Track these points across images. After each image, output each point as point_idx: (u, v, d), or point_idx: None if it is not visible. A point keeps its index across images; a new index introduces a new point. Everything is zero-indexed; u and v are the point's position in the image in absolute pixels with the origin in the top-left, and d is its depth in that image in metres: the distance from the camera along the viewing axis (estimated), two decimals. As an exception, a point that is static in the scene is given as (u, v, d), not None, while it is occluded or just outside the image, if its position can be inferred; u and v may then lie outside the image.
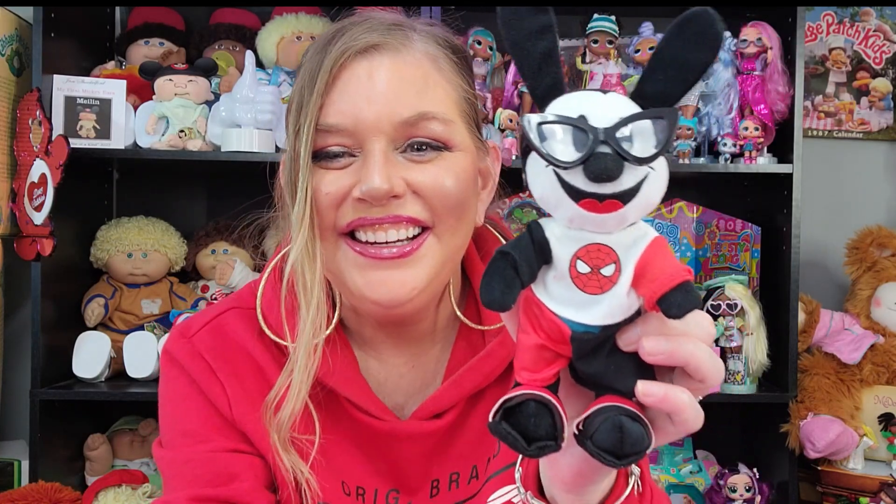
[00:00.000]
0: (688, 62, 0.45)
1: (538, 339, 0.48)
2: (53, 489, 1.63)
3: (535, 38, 0.47)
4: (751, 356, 1.81)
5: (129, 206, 2.05)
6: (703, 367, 0.48)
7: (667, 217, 2.05)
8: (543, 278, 0.48)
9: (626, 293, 0.46)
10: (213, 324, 0.83)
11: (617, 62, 1.87)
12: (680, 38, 0.45)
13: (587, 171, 0.44)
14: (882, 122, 2.22)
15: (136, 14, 2.05)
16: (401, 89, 0.72)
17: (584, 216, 0.45)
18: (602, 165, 0.43)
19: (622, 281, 0.46)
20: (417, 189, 0.73)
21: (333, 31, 0.75)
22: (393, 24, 0.76)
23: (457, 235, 0.76)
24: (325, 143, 0.73)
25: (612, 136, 0.44)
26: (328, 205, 0.73)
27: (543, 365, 0.48)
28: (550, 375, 0.48)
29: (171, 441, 0.81)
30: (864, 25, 2.22)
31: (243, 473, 0.77)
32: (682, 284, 0.45)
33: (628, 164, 0.44)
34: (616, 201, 0.44)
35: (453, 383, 0.81)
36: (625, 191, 0.44)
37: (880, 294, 1.98)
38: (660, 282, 0.45)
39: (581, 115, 0.45)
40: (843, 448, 1.82)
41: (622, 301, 0.46)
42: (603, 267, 0.46)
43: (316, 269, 0.73)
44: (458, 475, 0.82)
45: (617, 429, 0.46)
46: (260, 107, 1.72)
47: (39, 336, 1.73)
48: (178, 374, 0.81)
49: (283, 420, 0.74)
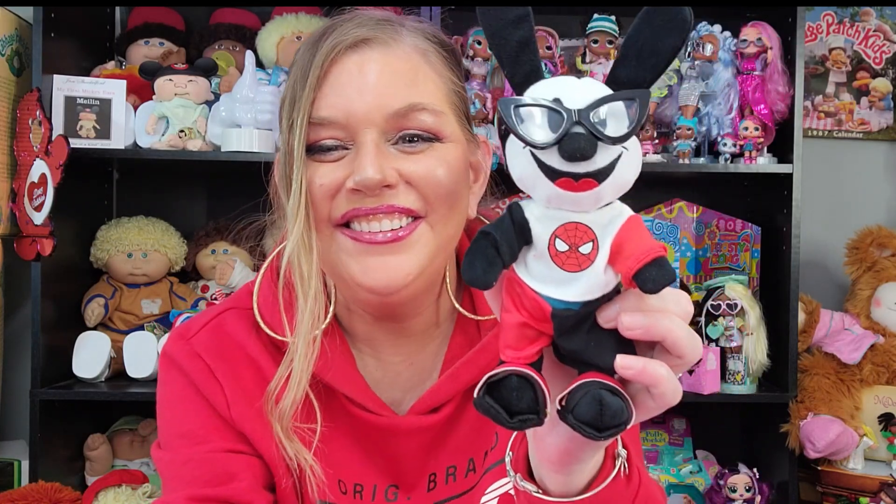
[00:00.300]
0: (657, 48, 0.47)
1: (520, 317, 0.49)
2: (53, 489, 1.63)
3: (512, 28, 0.48)
4: (751, 356, 1.81)
5: (129, 206, 2.05)
6: (680, 342, 0.49)
7: (667, 217, 2.05)
8: (524, 258, 0.50)
9: (603, 270, 0.48)
10: (211, 325, 0.83)
11: (617, 62, 1.87)
12: (649, 25, 0.47)
13: (562, 151, 0.45)
14: (882, 122, 2.22)
15: (136, 14, 2.05)
16: (391, 82, 0.74)
17: (561, 195, 0.47)
18: (576, 145, 0.45)
19: (599, 258, 0.48)
20: (410, 179, 0.73)
21: (324, 28, 0.77)
22: (382, 20, 0.77)
23: (449, 225, 0.76)
24: (317, 137, 0.74)
25: (586, 117, 0.45)
26: (322, 196, 0.74)
27: (526, 343, 0.50)
28: (533, 353, 0.50)
29: (170, 442, 0.81)
30: (864, 25, 2.22)
31: (242, 473, 0.77)
32: (656, 260, 0.46)
33: (602, 143, 0.45)
34: (591, 180, 0.46)
35: (450, 377, 0.81)
36: (599, 169, 0.46)
37: (880, 294, 1.98)
38: (635, 258, 0.46)
39: (556, 97, 0.47)
40: (843, 448, 1.82)
41: (600, 278, 0.48)
42: (581, 245, 0.48)
43: (312, 259, 0.74)
44: (455, 468, 0.83)
45: (597, 402, 0.48)
46: (260, 107, 1.72)
47: (39, 336, 1.73)
48: (177, 376, 0.82)
49: (284, 409, 0.75)
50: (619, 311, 0.49)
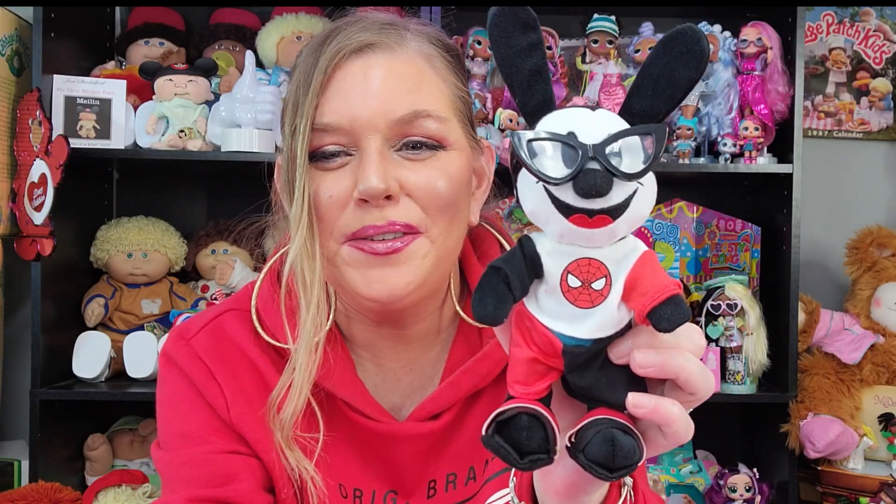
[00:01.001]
0: (674, 79, 0.46)
1: (530, 352, 0.48)
2: (53, 489, 1.63)
3: (525, 56, 0.47)
4: (751, 356, 1.81)
5: (129, 206, 2.05)
6: (693, 379, 0.49)
7: (667, 217, 2.05)
8: (535, 292, 0.48)
9: (616, 307, 0.47)
10: (211, 326, 0.83)
11: (617, 62, 1.87)
12: (666, 55, 0.46)
13: (577, 188, 0.44)
14: (882, 122, 2.22)
15: (136, 14, 2.05)
16: (395, 87, 0.73)
17: (575, 231, 0.46)
18: (591, 181, 0.44)
19: (612, 295, 0.47)
20: (410, 191, 0.73)
21: (328, 32, 0.76)
22: (387, 24, 0.76)
23: (449, 237, 0.76)
24: (321, 143, 0.73)
25: (601, 153, 0.44)
26: (331, 208, 0.73)
27: (536, 378, 0.49)
28: (543, 388, 0.49)
29: (169, 443, 0.81)
30: (864, 25, 2.22)
31: (242, 474, 0.77)
32: (671, 298, 0.45)
33: (617, 179, 0.44)
34: (606, 216, 0.45)
35: (451, 384, 0.81)
36: (614, 206, 0.45)
37: (880, 294, 1.98)
38: (650, 296, 0.45)
39: (570, 131, 0.45)
40: (843, 448, 1.82)
41: (613, 314, 0.47)
42: (594, 281, 0.47)
43: (315, 268, 0.73)
44: (456, 476, 0.82)
45: (608, 441, 0.47)
46: (260, 107, 1.72)
47: (39, 336, 1.73)
48: (177, 377, 0.81)
49: (286, 418, 0.74)
50: (631, 347, 0.48)
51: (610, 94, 1.84)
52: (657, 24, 1.91)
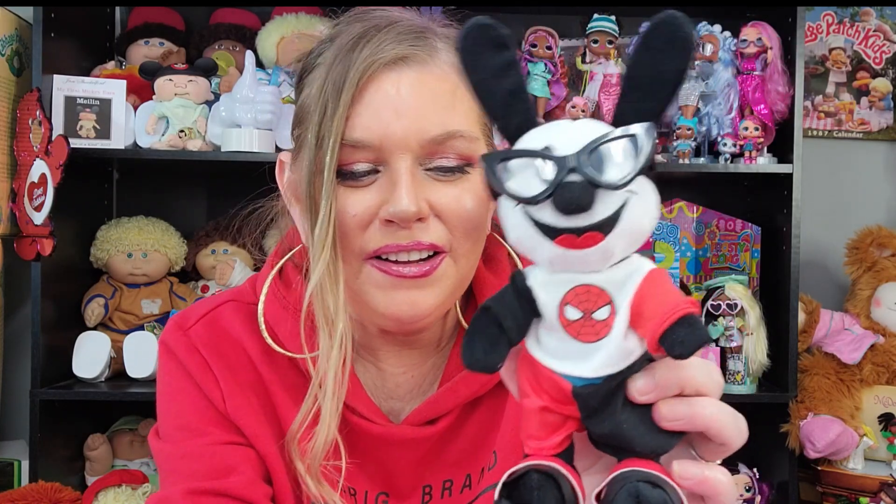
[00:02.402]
0: (661, 74, 0.41)
1: (540, 401, 0.43)
2: (53, 489, 1.63)
3: (500, 77, 0.43)
4: (751, 356, 1.81)
5: (129, 206, 2.05)
6: (725, 431, 0.45)
7: (667, 217, 2.05)
8: (535, 332, 0.44)
9: (623, 336, 0.42)
10: (209, 317, 0.82)
11: (617, 62, 1.87)
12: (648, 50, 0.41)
13: (556, 203, 0.40)
14: (882, 122, 2.22)
15: (136, 14, 2.05)
16: (429, 105, 0.71)
17: (564, 254, 0.41)
18: (571, 195, 0.39)
19: (618, 323, 0.42)
20: (439, 211, 0.71)
21: (356, 37, 0.72)
22: (418, 33, 0.74)
23: (471, 258, 0.75)
24: (349, 160, 0.70)
25: (580, 162, 0.40)
26: (355, 227, 0.71)
27: (550, 430, 0.44)
28: (560, 441, 0.44)
29: (169, 434, 0.81)
30: (864, 25, 2.22)
31: (241, 466, 0.77)
32: (683, 318, 0.40)
33: (601, 190, 0.40)
34: (596, 233, 0.40)
35: (448, 390, 0.80)
36: (603, 220, 0.40)
37: (880, 294, 1.98)
38: (659, 319, 0.40)
39: (546, 146, 0.41)
40: (843, 448, 1.82)
41: (621, 346, 0.42)
42: (595, 310, 0.42)
43: (339, 293, 0.71)
44: (452, 483, 0.82)
45: (632, 497, 0.42)
46: (260, 107, 1.72)
47: (39, 336, 1.73)
48: (175, 367, 0.81)
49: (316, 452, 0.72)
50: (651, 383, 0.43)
51: (610, 94, 1.84)
52: (657, 24, 1.91)
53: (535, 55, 1.86)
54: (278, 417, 0.79)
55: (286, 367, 0.80)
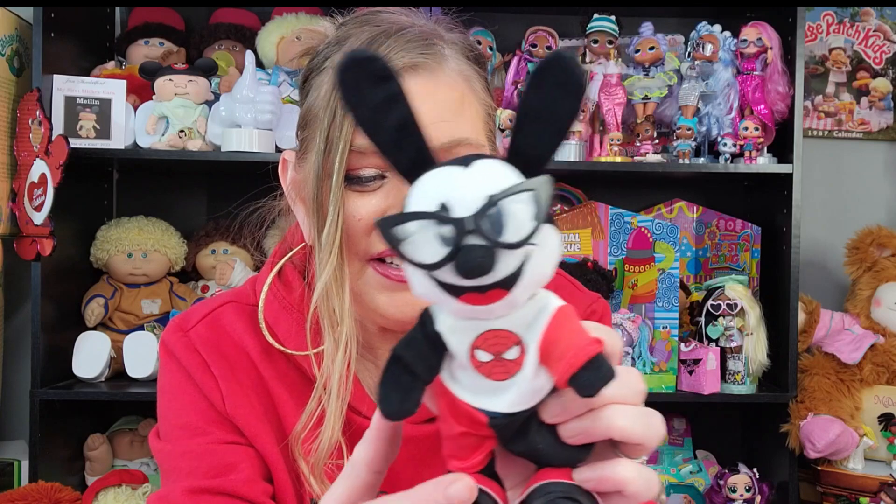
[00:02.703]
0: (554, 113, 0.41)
1: (459, 427, 0.44)
2: (53, 489, 1.63)
3: (384, 111, 0.42)
4: (751, 356, 1.81)
5: (129, 206, 2.05)
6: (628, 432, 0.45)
7: (667, 217, 2.05)
8: (449, 367, 0.44)
9: (534, 375, 0.42)
10: (209, 317, 0.83)
11: (617, 62, 1.87)
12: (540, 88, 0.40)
13: (458, 269, 0.39)
14: (882, 122, 2.22)
15: (136, 14, 2.05)
16: (437, 113, 0.72)
17: (470, 310, 0.41)
18: (472, 262, 0.38)
19: (528, 363, 0.42)
20: None
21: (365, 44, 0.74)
22: (427, 40, 0.75)
23: None
24: (357, 165, 0.72)
25: (477, 225, 0.39)
26: (360, 231, 0.73)
27: (470, 451, 0.44)
28: (480, 460, 0.45)
29: (169, 433, 0.81)
30: (864, 25, 2.22)
31: (241, 464, 0.77)
32: (590, 361, 0.40)
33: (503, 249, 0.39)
34: (499, 290, 0.40)
35: None
36: (506, 278, 0.40)
37: (880, 294, 1.98)
38: (566, 361, 0.41)
39: (442, 202, 0.40)
40: (843, 448, 1.82)
41: (532, 384, 0.42)
42: (505, 351, 0.42)
43: (345, 297, 0.73)
44: None
45: None
46: (260, 107, 1.72)
47: (39, 336, 1.73)
48: (175, 368, 0.82)
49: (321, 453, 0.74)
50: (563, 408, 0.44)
51: (610, 94, 1.84)
52: (657, 24, 1.91)
53: (536, 55, 1.86)
54: (279, 417, 0.80)
55: (286, 367, 0.80)
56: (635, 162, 1.83)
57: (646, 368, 1.79)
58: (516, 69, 1.87)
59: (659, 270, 1.84)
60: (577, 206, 1.99)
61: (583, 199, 2.07)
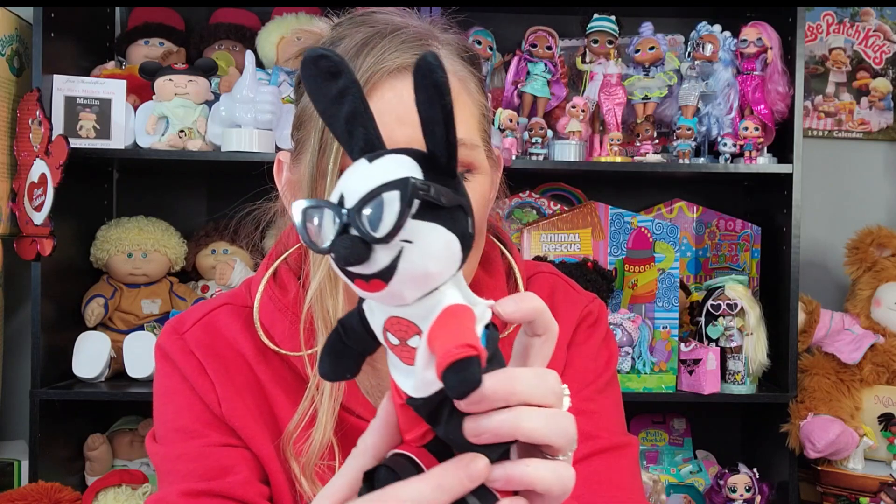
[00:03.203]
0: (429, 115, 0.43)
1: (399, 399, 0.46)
2: (53, 489, 1.63)
3: (338, 104, 0.45)
4: (751, 356, 1.81)
5: (129, 206, 2.05)
6: (537, 434, 0.44)
7: (667, 217, 2.05)
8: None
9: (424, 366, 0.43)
10: (205, 320, 0.83)
11: (617, 62, 1.87)
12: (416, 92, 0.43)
13: (335, 257, 0.42)
14: (882, 122, 2.22)
15: (136, 14, 2.05)
16: None
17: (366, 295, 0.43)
18: (344, 250, 0.41)
19: (419, 354, 0.43)
20: None
21: (360, 44, 0.74)
22: (421, 41, 0.75)
23: (471, 261, 0.76)
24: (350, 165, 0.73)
25: (352, 218, 0.41)
26: None
27: (412, 424, 0.46)
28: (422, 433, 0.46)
29: (165, 436, 0.81)
30: (864, 25, 2.22)
31: (237, 467, 0.77)
32: (456, 364, 0.41)
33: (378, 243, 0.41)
34: (379, 281, 0.42)
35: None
36: (381, 270, 0.42)
37: (880, 294, 1.98)
38: (436, 360, 0.42)
39: (341, 193, 0.43)
40: (843, 448, 1.82)
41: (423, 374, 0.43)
42: (409, 339, 0.44)
43: (338, 296, 0.72)
44: None
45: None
46: (260, 107, 1.72)
47: (39, 336, 1.73)
48: (171, 371, 0.82)
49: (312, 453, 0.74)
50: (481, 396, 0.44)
51: (610, 94, 1.84)
52: (657, 24, 1.91)
53: (535, 55, 1.86)
54: (275, 418, 0.80)
55: (282, 368, 0.80)
56: (635, 162, 1.83)
57: (646, 368, 1.79)
58: (516, 69, 1.87)
59: (659, 270, 1.84)
60: (577, 206, 1.99)
61: (583, 199, 2.07)
